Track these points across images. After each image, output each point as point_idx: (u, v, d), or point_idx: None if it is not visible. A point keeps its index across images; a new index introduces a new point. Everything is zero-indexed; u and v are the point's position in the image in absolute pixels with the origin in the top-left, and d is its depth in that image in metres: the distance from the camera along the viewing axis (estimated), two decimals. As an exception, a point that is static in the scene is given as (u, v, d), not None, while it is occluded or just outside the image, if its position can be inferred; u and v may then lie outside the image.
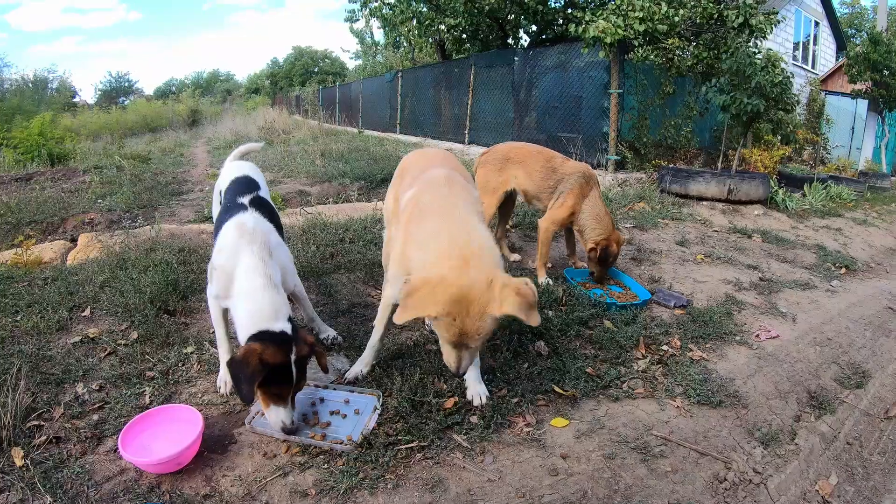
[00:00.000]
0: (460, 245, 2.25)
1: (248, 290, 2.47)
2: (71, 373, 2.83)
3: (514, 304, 2.15)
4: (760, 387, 3.20)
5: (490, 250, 2.33)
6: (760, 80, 8.01)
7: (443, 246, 2.28)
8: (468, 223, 2.40)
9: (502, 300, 2.14)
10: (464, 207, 2.51)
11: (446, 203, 2.51)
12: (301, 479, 2.26)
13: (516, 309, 2.15)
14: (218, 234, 2.75)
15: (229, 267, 2.56)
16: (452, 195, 2.57)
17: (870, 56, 14.09)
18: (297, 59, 51.46)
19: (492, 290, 2.16)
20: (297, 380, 2.37)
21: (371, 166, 8.63)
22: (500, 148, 4.76)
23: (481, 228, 2.43)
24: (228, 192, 3.09)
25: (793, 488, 2.45)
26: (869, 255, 6.81)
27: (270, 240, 2.72)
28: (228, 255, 2.59)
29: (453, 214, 2.43)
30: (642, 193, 7.71)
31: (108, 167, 9.22)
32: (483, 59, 13.38)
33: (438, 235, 2.34)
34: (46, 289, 3.68)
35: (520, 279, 2.26)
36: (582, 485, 2.30)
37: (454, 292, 2.16)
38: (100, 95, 56.26)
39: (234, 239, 2.62)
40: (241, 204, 2.86)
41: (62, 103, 35.62)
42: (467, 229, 2.35)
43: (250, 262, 2.53)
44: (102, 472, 2.25)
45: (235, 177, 3.24)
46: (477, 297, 2.15)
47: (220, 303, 2.70)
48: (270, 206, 3.10)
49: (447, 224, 2.38)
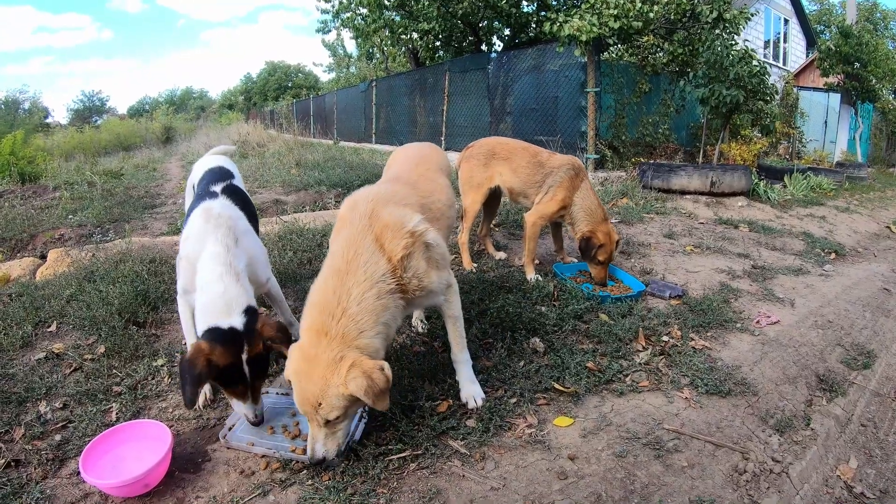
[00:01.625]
0: (328, 313, 2.05)
1: (205, 281, 2.30)
2: (34, 391, 2.66)
3: (361, 386, 1.94)
4: (768, 373, 3.07)
5: (361, 322, 2.08)
6: (739, 70, 8.02)
7: (315, 314, 2.08)
8: (354, 286, 2.11)
9: (348, 380, 1.95)
10: (365, 259, 2.17)
11: (348, 251, 2.19)
12: (283, 497, 2.06)
13: (362, 392, 1.94)
14: (185, 223, 2.60)
15: (193, 255, 2.40)
16: (359, 238, 2.23)
17: (841, 49, 14.34)
18: (270, 75, 51.23)
19: (339, 369, 1.97)
20: (253, 377, 2.23)
21: (348, 173, 8.45)
22: (486, 142, 4.59)
23: (367, 294, 2.11)
24: (201, 183, 2.95)
25: (814, 475, 2.32)
26: (855, 240, 6.85)
27: (238, 226, 2.55)
28: (194, 244, 2.43)
29: (343, 271, 2.14)
30: (625, 190, 7.63)
31: (79, 183, 8.94)
32: (458, 64, 13.31)
33: (318, 296, 2.12)
34: (11, 305, 3.51)
35: (375, 363, 2.03)
36: (595, 487, 2.12)
37: (302, 363, 2.04)
38: (73, 115, 55.67)
39: (200, 225, 2.45)
40: (212, 192, 2.71)
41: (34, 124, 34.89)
42: (349, 295, 2.08)
43: (213, 249, 2.37)
44: (64, 498, 2.06)
45: (209, 167, 3.11)
46: (321, 372, 1.98)
47: (188, 299, 2.52)
48: (244, 194, 2.94)
49: (331, 283, 2.12)
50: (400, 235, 2.26)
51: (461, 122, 12.93)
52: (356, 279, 2.11)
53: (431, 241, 2.40)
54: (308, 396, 1.99)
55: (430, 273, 2.37)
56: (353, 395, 1.95)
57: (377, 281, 2.14)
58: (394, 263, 2.21)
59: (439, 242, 2.50)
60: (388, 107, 17.38)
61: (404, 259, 2.24)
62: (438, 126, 13.46)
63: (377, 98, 17.77)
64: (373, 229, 2.24)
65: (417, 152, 3.30)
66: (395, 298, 2.22)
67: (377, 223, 2.26)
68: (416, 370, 2.83)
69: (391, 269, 2.20)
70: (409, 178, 2.85)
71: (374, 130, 17.88)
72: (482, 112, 12.33)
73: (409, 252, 2.27)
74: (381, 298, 2.14)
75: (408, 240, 2.27)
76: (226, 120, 37.00)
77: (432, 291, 2.41)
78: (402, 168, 3.02)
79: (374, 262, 2.17)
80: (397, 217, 2.32)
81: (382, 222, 2.27)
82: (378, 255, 2.19)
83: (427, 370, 2.83)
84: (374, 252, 2.19)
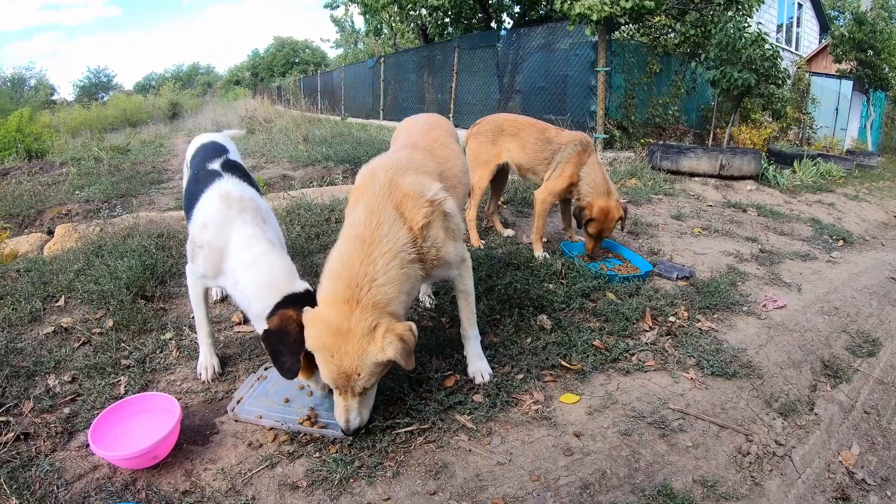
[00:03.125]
0: (355, 284, 2.05)
1: (251, 261, 2.30)
2: (42, 364, 2.65)
3: (398, 350, 1.99)
4: (773, 356, 3.07)
5: (387, 291, 2.08)
6: (751, 53, 7.89)
7: (340, 284, 2.07)
8: (379, 256, 2.10)
9: (385, 346, 1.98)
10: (387, 228, 2.16)
11: (371, 220, 2.18)
12: (290, 469, 2.07)
13: (399, 355, 1.99)
14: (194, 207, 2.51)
15: (219, 243, 2.36)
16: (380, 207, 2.21)
17: (855, 36, 14.08)
18: (277, 50, 50.78)
19: (374, 336, 2.00)
20: None
21: (355, 149, 8.39)
22: (494, 119, 4.55)
23: (391, 264, 2.11)
24: (195, 160, 2.88)
25: (817, 460, 2.33)
26: (863, 228, 6.80)
27: (259, 205, 2.53)
28: (216, 231, 2.38)
29: (368, 241, 2.13)
30: (633, 170, 7.58)
31: (86, 159, 8.90)
32: (467, 41, 13.13)
33: (343, 266, 2.10)
34: (19, 280, 3.49)
35: (405, 324, 2.07)
36: (600, 464, 2.14)
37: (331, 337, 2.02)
38: (79, 92, 55.28)
39: (221, 212, 2.40)
40: (213, 171, 2.64)
41: (41, 101, 34.82)
42: (375, 265, 2.08)
43: (247, 232, 2.36)
44: (73, 470, 2.06)
45: (201, 143, 3.05)
46: (357, 343, 2.00)
47: (205, 283, 2.51)
48: (242, 167, 2.88)
49: (356, 253, 2.11)
50: (420, 204, 2.25)
51: (470, 99, 12.79)
52: (381, 249, 2.10)
53: (450, 210, 2.40)
54: (344, 369, 1.99)
55: (447, 243, 2.36)
56: (390, 360, 1.99)
57: (399, 251, 2.14)
58: (415, 233, 2.20)
59: (456, 212, 2.49)
60: (397, 83, 17.19)
61: (424, 228, 2.23)
62: (447, 103, 13.33)
63: (385, 74, 17.58)
64: (393, 198, 2.23)
65: (427, 120, 3.24)
66: (416, 268, 2.22)
67: (397, 192, 2.25)
68: (424, 345, 2.83)
69: (412, 239, 2.19)
70: (425, 144, 2.81)
71: (381, 107, 17.72)
72: (491, 90, 12.20)
73: (429, 221, 2.26)
74: (404, 268, 2.14)
75: (428, 209, 2.26)
76: (233, 96, 36.77)
77: (448, 263, 2.40)
78: (414, 136, 2.95)
79: (396, 231, 2.16)
80: (417, 185, 2.31)
81: (402, 191, 2.26)
82: (399, 224, 2.18)
83: (435, 345, 2.84)
84: (395, 221, 2.18)
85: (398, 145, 2.91)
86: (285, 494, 1.96)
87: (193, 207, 2.51)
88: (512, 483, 2.03)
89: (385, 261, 2.09)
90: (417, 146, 2.76)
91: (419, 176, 2.38)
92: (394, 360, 2.00)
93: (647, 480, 2.07)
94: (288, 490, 1.98)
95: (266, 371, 2.62)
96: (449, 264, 2.42)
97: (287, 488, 1.98)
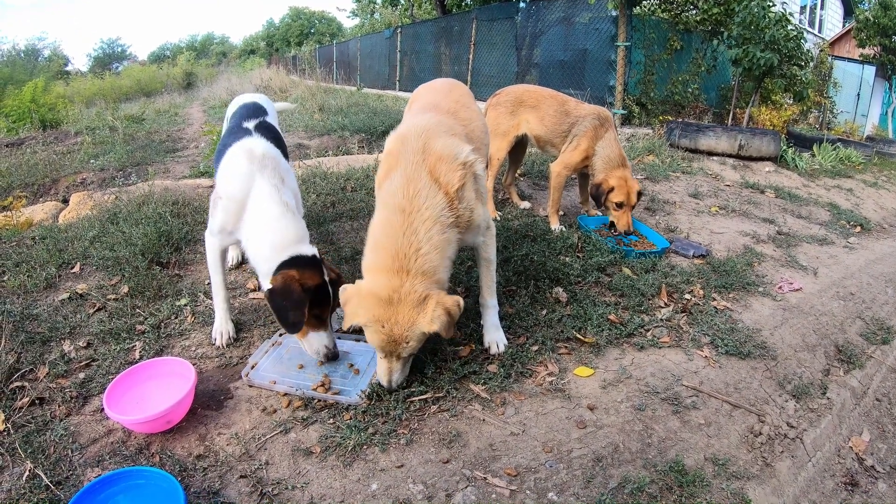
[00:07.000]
0: (402, 255, 2.07)
1: (265, 220, 2.38)
2: (57, 330, 2.67)
3: (444, 324, 2.05)
4: (787, 338, 3.04)
5: (433, 259, 2.11)
6: (775, 33, 7.70)
7: (386, 255, 2.09)
8: (420, 224, 2.11)
9: (433, 319, 2.04)
10: (424, 195, 2.16)
11: (408, 188, 2.17)
12: (304, 435, 2.09)
13: (444, 329, 2.06)
14: (221, 159, 2.59)
15: (240, 195, 2.43)
16: (416, 174, 2.20)
17: (880, 21, 13.73)
18: (293, 20, 50.32)
19: (425, 309, 2.05)
20: (334, 300, 2.31)
21: (371, 119, 8.36)
22: (514, 90, 4.48)
23: (432, 231, 2.12)
24: (234, 117, 2.96)
25: (827, 444, 2.33)
26: (881, 216, 6.68)
27: (281, 165, 2.58)
28: (239, 184, 2.45)
29: (407, 210, 2.13)
30: (651, 147, 7.47)
31: (100, 128, 8.93)
32: (485, 12, 12.94)
33: (386, 237, 2.12)
34: (35, 248, 3.50)
35: (453, 298, 2.11)
36: (613, 438, 2.14)
37: (381, 308, 2.07)
38: (93, 62, 55.08)
39: (245, 166, 2.47)
40: (245, 128, 2.71)
41: (54, 71, 34.65)
42: (417, 234, 2.10)
43: (265, 188, 2.42)
44: (88, 434, 2.09)
45: (243, 103, 3.12)
46: (408, 313, 2.05)
47: (222, 239, 2.55)
48: (277, 131, 2.93)
49: (397, 223, 2.12)
50: (454, 167, 2.26)
51: (487, 71, 12.64)
52: (421, 217, 2.12)
53: (480, 171, 2.41)
54: (394, 337, 2.06)
55: (477, 206, 2.37)
56: (436, 331, 2.05)
57: (439, 216, 2.15)
58: (451, 196, 2.21)
59: (484, 174, 2.50)
60: (413, 54, 17.03)
61: (459, 190, 2.24)
62: (464, 75, 13.18)
63: (402, 45, 17.40)
64: (426, 163, 2.23)
65: (444, 84, 3.21)
66: (454, 233, 2.24)
67: (430, 156, 2.25)
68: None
69: (448, 203, 2.20)
70: (447, 106, 2.80)
71: (398, 77, 17.56)
72: (509, 62, 12.04)
73: (463, 183, 2.27)
74: (445, 233, 2.16)
75: (462, 171, 2.27)
76: (248, 65, 36.56)
77: (477, 226, 2.41)
78: (437, 97, 2.93)
79: (433, 196, 2.17)
80: (449, 148, 2.31)
81: (436, 155, 2.26)
82: (435, 189, 2.19)
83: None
84: (431, 187, 2.18)
85: (418, 107, 2.88)
86: (299, 460, 1.98)
87: (220, 160, 2.60)
88: (525, 454, 2.04)
89: (426, 227, 2.11)
90: (440, 108, 2.75)
91: (450, 138, 2.38)
92: (438, 332, 2.05)
93: (659, 456, 2.07)
94: (301, 455, 2.00)
95: (281, 337, 2.64)
96: (478, 228, 2.43)
97: (300, 454, 2.00)
